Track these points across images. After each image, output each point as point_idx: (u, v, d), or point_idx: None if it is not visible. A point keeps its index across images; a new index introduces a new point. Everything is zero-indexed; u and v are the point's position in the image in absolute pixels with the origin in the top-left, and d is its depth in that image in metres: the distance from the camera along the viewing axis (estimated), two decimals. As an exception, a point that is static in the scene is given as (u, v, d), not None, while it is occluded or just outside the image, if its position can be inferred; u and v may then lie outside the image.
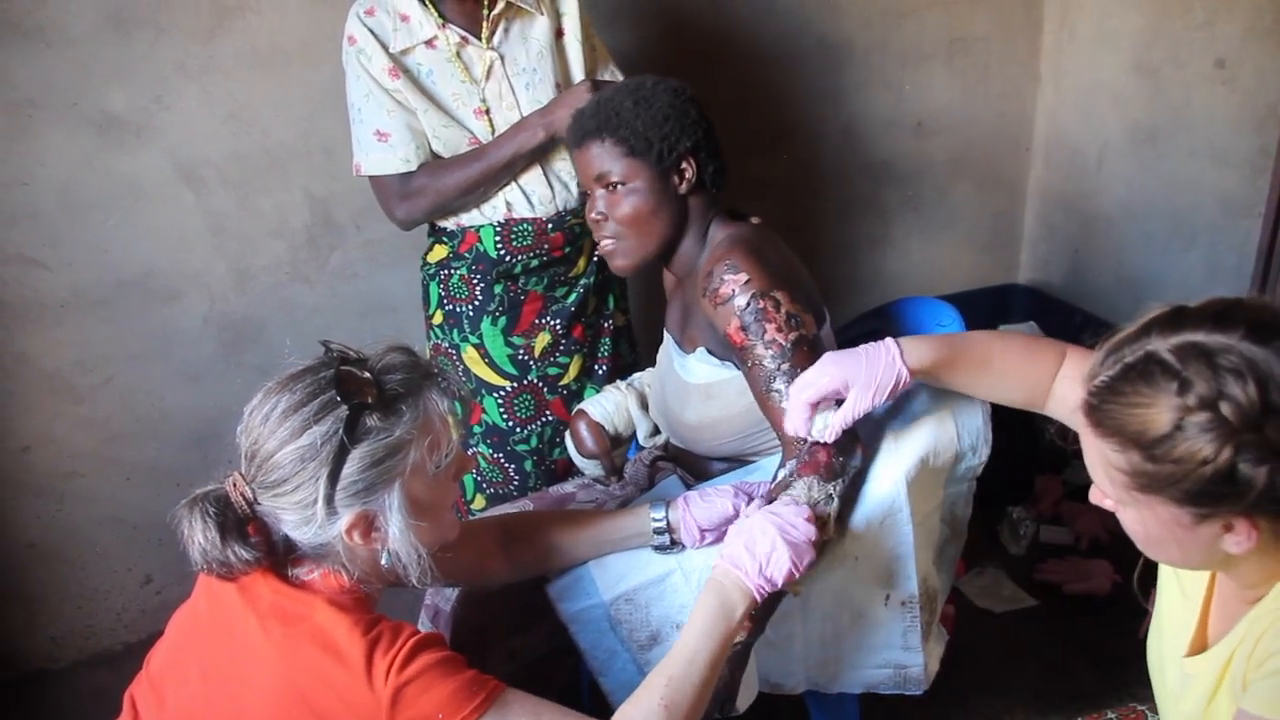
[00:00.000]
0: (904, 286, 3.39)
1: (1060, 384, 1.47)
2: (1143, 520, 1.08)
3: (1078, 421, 1.11)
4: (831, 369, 1.45)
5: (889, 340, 1.48)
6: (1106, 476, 1.08)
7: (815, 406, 1.47)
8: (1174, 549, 1.09)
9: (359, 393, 1.19)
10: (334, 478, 1.17)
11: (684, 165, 1.67)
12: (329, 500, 1.18)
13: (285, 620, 1.20)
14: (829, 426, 1.48)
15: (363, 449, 1.18)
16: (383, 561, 1.24)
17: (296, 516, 1.20)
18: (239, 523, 1.21)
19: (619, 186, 1.66)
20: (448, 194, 2.03)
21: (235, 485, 1.22)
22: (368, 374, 1.21)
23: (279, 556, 1.25)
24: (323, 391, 1.19)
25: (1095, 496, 1.15)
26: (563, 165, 2.11)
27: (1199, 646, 1.22)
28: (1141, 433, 1.01)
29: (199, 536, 1.18)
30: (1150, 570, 1.25)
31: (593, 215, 1.70)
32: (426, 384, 1.26)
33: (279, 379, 1.23)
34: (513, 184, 2.07)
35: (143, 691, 1.31)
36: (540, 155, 2.05)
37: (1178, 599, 1.28)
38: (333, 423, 1.17)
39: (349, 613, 1.21)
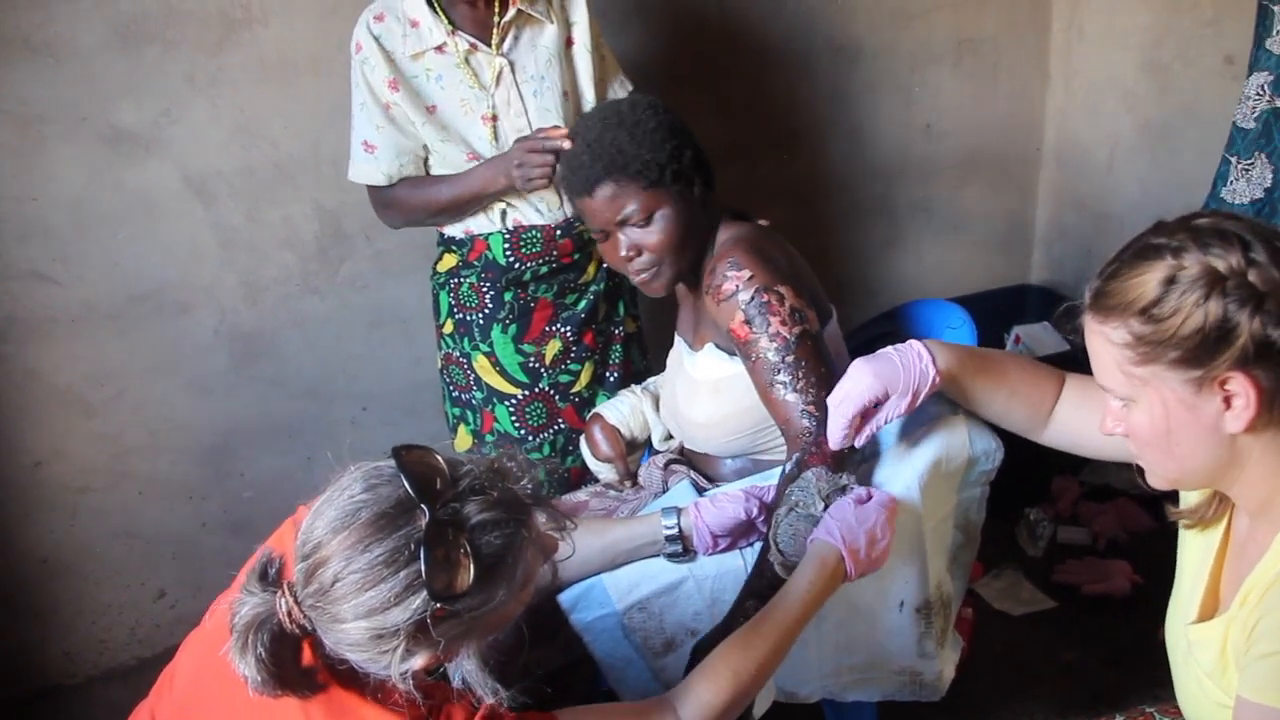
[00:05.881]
0: (916, 289, 3.37)
1: (1062, 408, 1.48)
2: (1149, 412, 1.11)
3: (1084, 324, 1.16)
4: (869, 379, 1.43)
5: (915, 344, 1.46)
6: (1114, 364, 1.12)
7: (863, 418, 1.45)
8: (1178, 448, 1.12)
9: (452, 577, 1.03)
10: (409, 654, 1.06)
11: (692, 175, 1.68)
12: (401, 661, 1.06)
13: (330, 710, 1.11)
14: (860, 434, 1.47)
15: (448, 624, 1.06)
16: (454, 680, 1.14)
17: (360, 657, 1.07)
18: (295, 649, 1.09)
19: (649, 219, 1.65)
20: (415, 213, 2.07)
21: (290, 615, 1.07)
22: (464, 543, 1.04)
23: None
24: (407, 563, 1.02)
25: (1107, 427, 1.19)
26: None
27: (1207, 613, 1.23)
28: (1139, 298, 1.08)
29: (250, 672, 1.05)
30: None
31: (622, 254, 1.68)
32: (525, 534, 1.10)
33: (349, 509, 1.05)
34: (518, 193, 2.07)
35: None
36: None
37: (1191, 565, 1.28)
38: (420, 606, 1.02)
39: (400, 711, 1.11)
